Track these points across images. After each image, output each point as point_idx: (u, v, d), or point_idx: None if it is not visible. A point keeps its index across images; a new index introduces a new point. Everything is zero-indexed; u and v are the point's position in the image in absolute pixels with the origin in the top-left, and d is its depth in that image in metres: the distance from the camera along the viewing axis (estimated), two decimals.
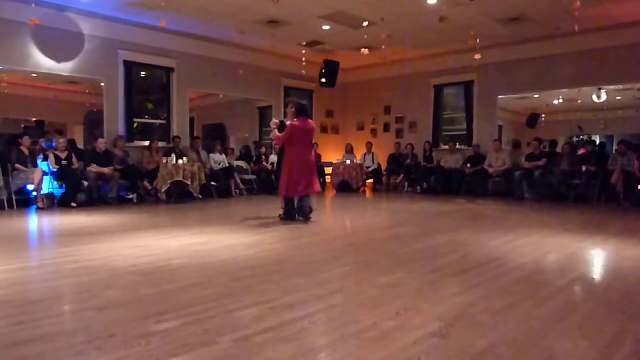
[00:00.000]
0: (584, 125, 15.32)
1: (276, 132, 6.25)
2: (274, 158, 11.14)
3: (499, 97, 11.12)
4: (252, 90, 11.65)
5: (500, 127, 12.59)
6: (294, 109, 6.24)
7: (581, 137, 15.26)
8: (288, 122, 6.27)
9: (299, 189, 6.20)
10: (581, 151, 10.11)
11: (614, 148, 11.61)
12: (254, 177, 10.74)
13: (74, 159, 8.19)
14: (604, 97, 12.32)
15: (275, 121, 6.42)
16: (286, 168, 6.25)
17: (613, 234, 5.32)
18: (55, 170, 7.88)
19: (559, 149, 10.35)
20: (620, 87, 11.66)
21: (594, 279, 3.53)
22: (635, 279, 3.43)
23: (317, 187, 6.43)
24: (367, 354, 2.07)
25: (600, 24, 8.89)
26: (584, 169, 8.93)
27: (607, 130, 16.34)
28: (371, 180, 12.37)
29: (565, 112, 15.66)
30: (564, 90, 11.50)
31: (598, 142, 14.40)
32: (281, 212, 6.47)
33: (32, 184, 7.60)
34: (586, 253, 4.34)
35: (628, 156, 8.64)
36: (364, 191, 11.85)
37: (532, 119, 13.73)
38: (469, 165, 10.53)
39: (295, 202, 6.31)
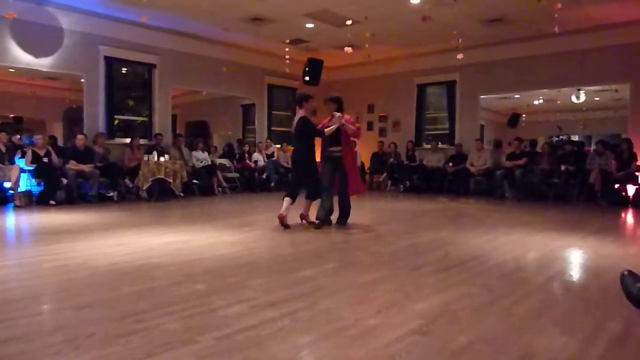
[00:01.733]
0: (564, 125, 15.58)
1: (350, 126, 5.77)
2: (257, 156, 11.10)
3: (481, 96, 11.24)
4: (235, 88, 11.58)
5: (482, 127, 12.73)
6: (336, 104, 5.84)
7: (560, 137, 15.51)
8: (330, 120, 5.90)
9: None
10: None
11: (592, 148, 11.83)
12: (236, 175, 10.67)
13: (53, 156, 8.03)
14: (582, 97, 12.57)
15: (340, 115, 5.77)
16: (352, 163, 6.10)
17: (591, 232, 5.42)
18: (30, 168, 7.72)
19: (539, 149, 10.50)
20: (599, 88, 11.89)
21: (571, 276, 3.59)
22: (612, 276, 3.49)
23: None
24: (348, 351, 2.08)
25: (579, 25, 9.03)
26: (563, 168, 9.08)
27: (585, 131, 16.64)
28: None
29: (545, 112, 15.92)
30: (544, 90, 11.70)
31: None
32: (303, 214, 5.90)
33: (9, 181, 7.44)
34: (565, 251, 4.42)
35: (605, 156, 8.82)
36: None
37: (513, 119, 13.94)
38: (450, 164, 10.63)
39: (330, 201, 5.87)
